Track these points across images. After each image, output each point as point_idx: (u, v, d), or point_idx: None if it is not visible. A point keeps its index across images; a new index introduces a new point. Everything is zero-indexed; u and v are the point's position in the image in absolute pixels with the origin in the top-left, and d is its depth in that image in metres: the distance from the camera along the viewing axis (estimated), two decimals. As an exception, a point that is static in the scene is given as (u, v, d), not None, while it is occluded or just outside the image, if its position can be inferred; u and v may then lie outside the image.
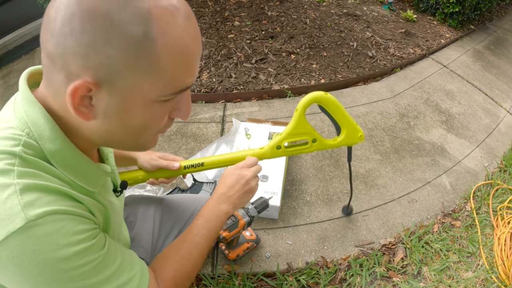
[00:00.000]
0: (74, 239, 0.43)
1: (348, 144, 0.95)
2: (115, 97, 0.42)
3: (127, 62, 0.39)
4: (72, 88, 0.39)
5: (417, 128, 1.94)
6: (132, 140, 0.49)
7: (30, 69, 0.50)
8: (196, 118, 1.88)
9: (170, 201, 1.00)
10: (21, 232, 0.40)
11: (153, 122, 0.47)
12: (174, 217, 0.97)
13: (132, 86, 0.41)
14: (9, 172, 0.42)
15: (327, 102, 0.87)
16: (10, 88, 2.55)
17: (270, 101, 2.01)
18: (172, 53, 0.41)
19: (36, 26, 3.21)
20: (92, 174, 0.52)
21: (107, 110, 0.43)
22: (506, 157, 1.85)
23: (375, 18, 3.03)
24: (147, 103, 0.44)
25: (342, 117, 0.90)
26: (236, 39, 2.47)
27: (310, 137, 0.89)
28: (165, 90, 0.44)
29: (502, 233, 1.41)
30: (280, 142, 0.88)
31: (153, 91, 0.43)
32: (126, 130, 0.46)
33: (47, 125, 0.45)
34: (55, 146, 0.46)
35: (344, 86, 2.19)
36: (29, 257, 0.40)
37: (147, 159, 0.87)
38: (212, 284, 1.18)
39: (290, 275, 1.24)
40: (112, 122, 0.45)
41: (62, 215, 0.43)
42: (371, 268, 1.28)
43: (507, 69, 2.71)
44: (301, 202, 1.48)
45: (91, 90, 0.40)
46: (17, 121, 0.45)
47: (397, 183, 1.62)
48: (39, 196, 0.42)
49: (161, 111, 0.47)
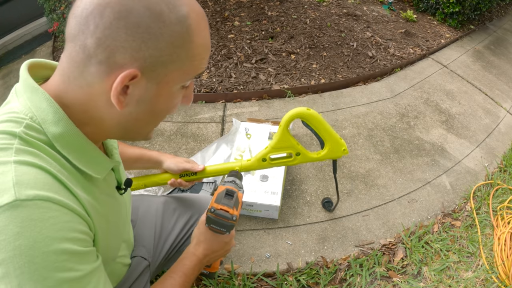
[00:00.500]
0: (60, 235, 0.41)
1: (331, 157, 0.99)
2: (153, 84, 0.47)
3: (171, 53, 0.45)
4: (122, 76, 0.43)
5: (417, 128, 1.95)
6: (148, 126, 0.54)
7: (30, 60, 0.51)
8: (196, 118, 1.88)
9: (171, 201, 1.00)
10: (7, 209, 0.38)
11: (172, 106, 0.52)
12: (175, 217, 0.97)
13: (168, 74, 0.47)
14: (7, 149, 0.41)
15: (310, 117, 0.92)
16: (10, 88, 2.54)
17: (270, 101, 2.01)
18: (201, 46, 0.48)
19: (36, 26, 3.21)
20: (98, 159, 0.51)
21: (141, 96, 0.47)
22: (506, 157, 1.85)
23: (375, 18, 3.03)
24: (174, 89, 0.49)
25: (325, 132, 0.94)
26: (236, 39, 2.47)
27: (294, 150, 0.95)
28: (189, 76, 0.50)
29: (502, 233, 1.41)
30: (266, 155, 0.95)
31: (183, 77, 0.49)
32: (151, 115, 0.51)
33: (50, 108, 0.45)
34: (59, 128, 0.46)
35: (344, 86, 2.19)
36: (8, 238, 0.37)
37: (174, 161, 0.95)
38: (212, 284, 1.18)
39: (290, 275, 1.24)
40: (142, 108, 0.48)
41: (55, 205, 0.41)
42: (371, 268, 1.28)
43: (507, 69, 2.71)
44: (301, 202, 1.48)
45: (133, 79, 0.44)
46: (21, 107, 0.46)
47: (397, 183, 1.62)
48: (35, 177, 0.41)
49: (179, 96, 0.52)
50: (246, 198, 1.32)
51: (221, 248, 0.75)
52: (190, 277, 0.69)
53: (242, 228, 1.37)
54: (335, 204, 1.38)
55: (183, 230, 0.96)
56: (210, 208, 0.69)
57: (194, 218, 0.99)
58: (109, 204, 0.57)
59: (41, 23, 3.21)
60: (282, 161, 0.97)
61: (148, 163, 0.96)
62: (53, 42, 2.98)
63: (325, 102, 2.04)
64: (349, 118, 1.94)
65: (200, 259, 0.71)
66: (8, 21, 3.05)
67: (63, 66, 0.46)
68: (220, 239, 0.74)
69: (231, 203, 0.70)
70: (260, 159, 0.95)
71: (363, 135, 1.84)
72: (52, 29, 2.91)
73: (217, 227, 0.70)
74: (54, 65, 0.53)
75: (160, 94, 0.48)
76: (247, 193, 1.33)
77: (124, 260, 0.77)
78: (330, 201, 1.43)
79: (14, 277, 0.38)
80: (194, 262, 0.70)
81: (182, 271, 0.68)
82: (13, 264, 0.38)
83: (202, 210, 1.00)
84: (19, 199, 0.38)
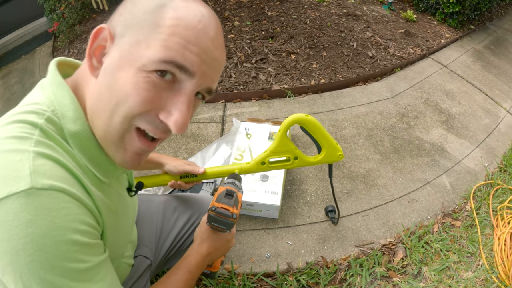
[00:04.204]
0: (72, 226, 0.41)
1: (328, 162, 1.02)
2: (117, 52, 0.45)
3: (139, 17, 0.44)
4: (92, 32, 0.45)
5: (417, 128, 1.94)
6: (109, 114, 0.45)
7: (59, 58, 0.53)
8: (196, 118, 1.88)
9: (171, 200, 1.01)
10: (22, 196, 0.38)
11: (134, 94, 0.44)
12: (175, 216, 0.97)
13: (133, 44, 0.44)
14: (27, 139, 0.42)
15: (308, 123, 0.95)
16: (10, 88, 2.54)
17: (270, 101, 2.01)
18: (176, 20, 0.44)
19: (36, 26, 3.21)
20: (106, 165, 0.52)
21: (107, 65, 0.46)
22: (506, 157, 1.85)
23: (375, 18, 3.03)
24: (137, 68, 0.43)
25: (322, 137, 0.97)
26: (236, 39, 2.47)
27: (292, 154, 0.98)
28: (154, 54, 0.43)
29: (502, 233, 1.41)
30: (264, 159, 0.98)
31: (146, 54, 0.43)
32: (110, 92, 0.45)
33: (71, 105, 0.47)
34: (76, 127, 0.47)
35: (344, 86, 2.19)
36: (20, 225, 0.37)
37: (175, 164, 0.96)
38: (212, 284, 1.18)
39: (290, 275, 1.24)
40: (105, 81, 0.45)
41: (69, 197, 0.42)
42: (371, 268, 1.28)
43: (507, 69, 2.71)
44: (301, 202, 1.48)
45: (107, 42, 0.46)
46: (44, 99, 0.47)
47: (397, 183, 1.62)
48: (52, 169, 0.41)
49: (148, 87, 0.44)
50: (247, 198, 1.32)
51: (223, 245, 0.77)
52: (194, 274, 0.70)
53: (242, 228, 1.37)
54: (337, 217, 1.39)
55: (183, 229, 0.96)
56: (211, 207, 0.72)
57: (194, 217, 0.99)
58: (120, 203, 0.58)
59: (41, 23, 3.21)
60: (281, 165, 1.00)
61: (150, 165, 0.98)
62: (53, 42, 2.98)
63: (325, 102, 2.04)
64: (349, 118, 1.94)
65: (203, 256, 0.73)
66: (8, 21, 3.06)
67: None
68: (222, 237, 0.75)
69: (231, 202, 0.74)
70: (259, 162, 0.98)
71: (363, 135, 1.84)
72: (52, 29, 2.91)
73: (218, 225, 0.73)
74: (78, 64, 0.55)
75: (120, 66, 0.44)
76: (247, 193, 1.33)
77: (129, 261, 0.78)
78: (333, 210, 1.42)
79: (23, 265, 0.38)
80: (198, 259, 0.72)
81: (186, 268, 0.69)
82: (24, 251, 0.38)
83: (202, 209, 1.01)
84: (35, 187, 0.38)
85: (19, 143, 0.41)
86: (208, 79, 0.47)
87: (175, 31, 0.43)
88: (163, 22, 0.43)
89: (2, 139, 0.41)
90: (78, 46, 2.71)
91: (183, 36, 0.43)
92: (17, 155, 0.40)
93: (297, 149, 0.99)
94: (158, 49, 0.43)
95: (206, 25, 0.45)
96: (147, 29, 0.43)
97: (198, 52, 0.44)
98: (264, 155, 0.98)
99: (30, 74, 2.65)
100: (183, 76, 0.45)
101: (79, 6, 2.83)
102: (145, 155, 0.51)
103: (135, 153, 0.49)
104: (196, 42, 0.44)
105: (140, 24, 0.44)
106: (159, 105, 0.46)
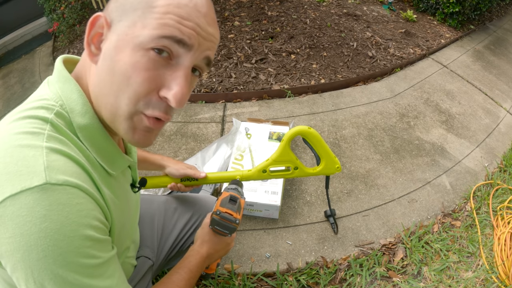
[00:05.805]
0: (86, 222, 0.41)
1: (326, 173, 1.06)
2: (114, 35, 0.46)
3: (135, 3, 0.45)
4: (89, 20, 0.45)
5: (417, 128, 1.94)
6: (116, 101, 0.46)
7: (65, 55, 0.54)
8: (196, 118, 1.88)
9: (171, 200, 1.01)
10: (36, 191, 0.38)
11: (135, 75, 0.44)
12: (175, 216, 0.97)
13: (129, 26, 0.45)
14: (39, 134, 0.42)
15: (310, 135, 0.98)
16: (10, 88, 2.55)
17: (270, 101, 2.01)
18: (167, 6, 0.44)
19: (36, 26, 3.21)
20: (115, 156, 0.53)
21: (106, 49, 0.46)
22: (506, 157, 1.85)
23: (375, 18, 3.03)
24: (134, 46, 0.44)
25: (322, 150, 1.01)
26: (236, 39, 2.47)
27: (293, 164, 1.01)
28: (153, 33, 0.44)
29: (502, 233, 1.41)
30: (266, 167, 1.01)
31: (143, 33, 0.44)
32: (111, 75, 0.45)
33: (79, 99, 0.48)
34: (84, 120, 0.48)
35: (344, 86, 2.19)
36: (34, 220, 0.37)
37: (176, 167, 0.97)
38: (212, 284, 1.18)
39: (290, 275, 1.24)
40: (105, 65, 0.46)
41: (82, 193, 0.42)
42: (371, 268, 1.28)
43: (507, 69, 2.71)
44: (301, 202, 1.48)
45: (104, 29, 0.46)
46: (52, 94, 0.48)
47: (397, 183, 1.62)
48: (65, 164, 0.42)
49: (147, 65, 0.44)
50: (247, 198, 1.32)
51: (223, 248, 0.78)
52: (194, 273, 0.71)
53: (242, 228, 1.37)
54: (335, 226, 1.39)
55: (184, 230, 0.97)
56: (215, 211, 0.75)
57: (195, 217, 0.99)
58: (124, 199, 0.58)
59: (41, 23, 3.21)
60: (281, 174, 1.03)
61: (151, 166, 0.98)
62: (53, 42, 2.98)
63: (325, 102, 2.04)
64: (349, 118, 1.94)
65: (204, 257, 0.74)
66: (8, 21, 3.06)
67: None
68: (222, 240, 0.77)
69: (234, 208, 0.76)
70: (260, 170, 1.01)
71: (363, 135, 1.84)
72: (52, 29, 2.92)
73: (221, 228, 0.75)
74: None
75: (119, 48, 0.45)
76: (247, 193, 1.33)
77: (132, 261, 0.78)
78: (331, 215, 1.42)
79: (35, 261, 0.38)
80: (199, 259, 0.73)
81: (187, 267, 0.70)
82: (37, 246, 0.38)
83: (202, 209, 1.01)
84: (49, 182, 0.39)
85: (31, 139, 0.41)
86: (205, 49, 0.49)
87: (168, 10, 0.44)
88: (156, 3, 0.44)
89: (14, 135, 0.41)
90: (78, 46, 2.71)
91: (176, 13, 0.44)
92: (30, 150, 0.40)
93: (298, 160, 1.01)
94: (155, 26, 0.44)
95: (196, 3, 0.46)
96: (141, 11, 0.44)
97: (193, 26, 0.46)
98: (266, 163, 1.00)
99: (30, 74, 2.66)
100: (181, 51, 0.46)
101: (79, 6, 2.83)
102: (154, 132, 0.51)
103: (145, 131, 0.50)
104: (189, 18, 0.45)
105: (134, 7, 0.45)
106: (160, 83, 0.46)
